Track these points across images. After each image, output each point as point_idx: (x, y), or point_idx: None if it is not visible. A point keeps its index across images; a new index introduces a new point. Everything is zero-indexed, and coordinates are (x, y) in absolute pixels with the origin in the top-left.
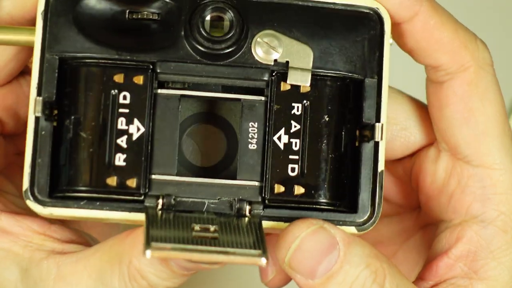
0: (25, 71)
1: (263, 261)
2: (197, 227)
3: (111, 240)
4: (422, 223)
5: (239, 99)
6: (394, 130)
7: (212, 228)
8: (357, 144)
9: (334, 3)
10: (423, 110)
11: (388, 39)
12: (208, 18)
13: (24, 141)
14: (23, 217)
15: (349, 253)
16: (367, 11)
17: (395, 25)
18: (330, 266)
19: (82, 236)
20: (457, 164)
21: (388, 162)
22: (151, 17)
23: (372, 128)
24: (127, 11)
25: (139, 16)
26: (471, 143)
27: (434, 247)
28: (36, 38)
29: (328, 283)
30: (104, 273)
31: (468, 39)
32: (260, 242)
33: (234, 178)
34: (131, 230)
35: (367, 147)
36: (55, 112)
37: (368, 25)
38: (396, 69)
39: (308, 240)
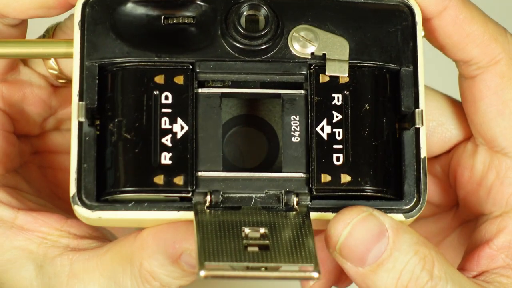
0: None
1: (315, 275)
2: (246, 230)
3: (121, 241)
4: (459, 221)
5: (279, 94)
6: (430, 127)
7: (262, 230)
8: (397, 134)
9: None
10: (457, 106)
11: (420, 29)
12: (244, 15)
13: (41, 141)
14: (39, 214)
15: (398, 240)
16: (397, 3)
17: (425, 21)
18: (379, 253)
19: (98, 230)
20: (494, 157)
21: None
22: (186, 21)
23: (412, 115)
24: (163, 16)
25: (175, 21)
26: (507, 134)
27: (474, 238)
28: (75, 47)
29: (378, 270)
30: (116, 273)
31: (498, 32)
32: (311, 253)
33: (280, 171)
34: (138, 231)
35: (408, 134)
36: (97, 122)
37: (400, 16)
38: (428, 64)
39: (358, 227)
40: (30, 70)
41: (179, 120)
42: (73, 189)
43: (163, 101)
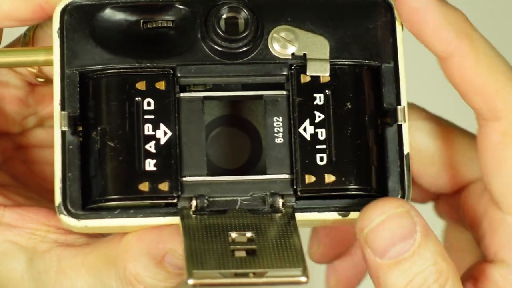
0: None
1: (303, 279)
2: (233, 234)
3: (107, 242)
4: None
5: (261, 96)
6: (456, 162)
7: (248, 234)
8: (380, 130)
9: None
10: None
11: (399, 25)
12: (223, 18)
13: (24, 138)
14: (26, 210)
15: (423, 246)
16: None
17: (440, 60)
18: (402, 251)
19: None
20: (491, 207)
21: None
22: (165, 24)
23: (394, 112)
24: (142, 21)
25: (154, 25)
26: (502, 191)
27: (466, 273)
28: (55, 55)
29: (394, 268)
30: (101, 273)
31: (503, 83)
32: (299, 256)
33: (264, 173)
34: (122, 234)
35: (391, 131)
36: (80, 128)
37: (379, 12)
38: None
39: (392, 220)
40: (7, 70)
41: (162, 126)
42: (58, 199)
43: (146, 107)
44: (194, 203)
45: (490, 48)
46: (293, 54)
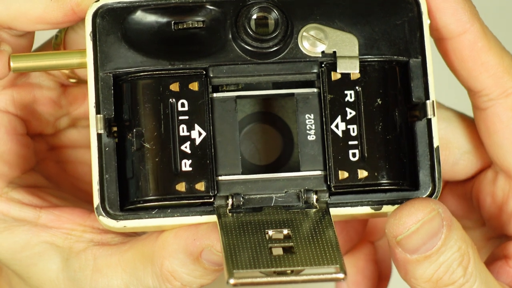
0: None
1: (341, 276)
2: (270, 232)
3: (144, 239)
4: (488, 237)
5: (292, 94)
6: (457, 154)
7: (285, 231)
8: (409, 124)
9: None
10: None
11: (426, 19)
12: (253, 18)
13: (57, 139)
14: (62, 210)
15: (448, 237)
16: None
17: (443, 41)
18: (431, 247)
19: None
20: None
21: (449, 183)
22: (196, 25)
23: (423, 106)
24: (173, 22)
25: (185, 26)
26: None
27: (495, 252)
28: (88, 59)
29: (424, 261)
30: (137, 270)
31: (510, 63)
32: (336, 253)
33: (298, 170)
34: (159, 231)
35: (420, 125)
36: (114, 129)
37: (406, 8)
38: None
39: (425, 226)
40: (40, 72)
41: (196, 126)
42: (96, 200)
43: (180, 108)
44: (230, 201)
45: (496, 38)
46: (323, 52)
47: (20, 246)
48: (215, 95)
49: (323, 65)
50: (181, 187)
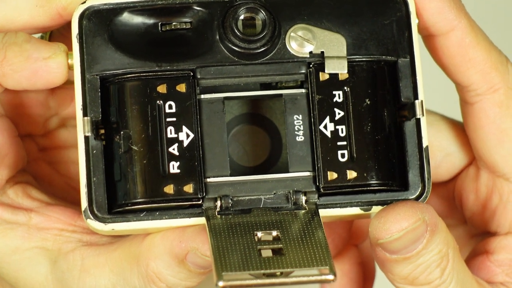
0: None
1: (330, 277)
2: (259, 234)
3: (130, 240)
4: (470, 236)
5: (280, 95)
6: (439, 157)
7: (274, 233)
8: (398, 124)
9: None
10: (463, 132)
11: (414, 19)
12: (240, 19)
13: (48, 139)
14: (52, 210)
15: (431, 242)
16: None
17: (431, 38)
18: (412, 250)
19: None
20: (497, 181)
21: (433, 185)
22: (183, 26)
23: (412, 106)
24: (159, 23)
25: (172, 27)
26: (508, 161)
27: (476, 248)
28: (75, 60)
29: (402, 262)
30: (124, 271)
31: (500, 61)
32: (325, 254)
33: (286, 171)
34: (147, 234)
35: (409, 125)
36: (102, 131)
37: (394, 7)
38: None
39: (409, 234)
40: None
41: (184, 128)
42: (84, 203)
43: (167, 110)
44: (218, 203)
45: (484, 33)
46: (310, 52)
47: (11, 250)
48: (202, 96)
49: (311, 66)
50: (169, 189)
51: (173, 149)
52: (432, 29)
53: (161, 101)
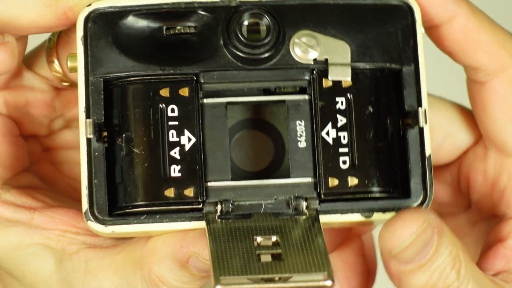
0: (28, 68)
1: (328, 283)
2: (259, 238)
3: (133, 243)
4: (473, 222)
5: (283, 100)
6: (440, 137)
7: (273, 238)
8: (401, 132)
9: None
10: (464, 112)
11: (420, 27)
12: (245, 24)
13: (52, 140)
14: (55, 212)
15: (440, 244)
16: (397, 3)
17: (435, 28)
18: (424, 255)
19: None
20: (506, 160)
21: (434, 169)
22: (187, 31)
23: (415, 114)
24: (164, 27)
25: (176, 31)
26: None
27: (489, 238)
28: (79, 62)
29: (418, 270)
30: (127, 274)
31: (506, 40)
32: (324, 260)
33: (288, 177)
34: (149, 237)
35: (412, 133)
36: (104, 133)
37: (400, 15)
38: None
39: (421, 236)
40: (33, 75)
41: (186, 132)
42: (85, 205)
43: (170, 114)
44: (219, 207)
45: (486, 15)
46: (314, 59)
47: (13, 246)
48: (205, 100)
49: (314, 72)
50: (170, 192)
51: (175, 152)
52: (435, 20)
53: (163, 105)
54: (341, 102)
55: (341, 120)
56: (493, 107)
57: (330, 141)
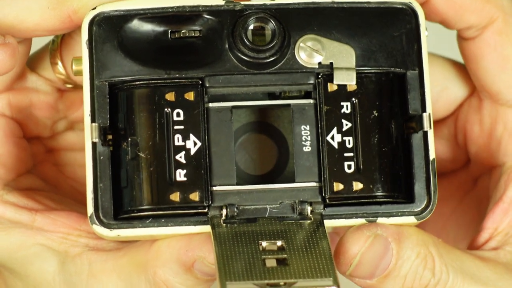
0: (32, 70)
1: None
2: (264, 243)
3: (137, 247)
4: (474, 176)
5: (288, 105)
6: (435, 92)
7: (278, 243)
8: (405, 136)
9: (368, 2)
10: (458, 66)
11: (424, 31)
12: (250, 28)
13: (55, 141)
14: (57, 214)
15: (401, 250)
16: (401, 6)
17: (423, 5)
18: (386, 266)
19: None
20: (500, 109)
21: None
22: (192, 34)
23: (419, 118)
24: (169, 31)
25: (181, 35)
26: (511, 88)
27: (493, 195)
28: (84, 66)
29: (386, 280)
30: (131, 278)
31: None
32: (329, 265)
33: (292, 181)
34: (153, 240)
35: (417, 138)
36: (109, 137)
37: (404, 19)
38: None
39: (367, 253)
40: (37, 77)
41: (191, 136)
42: (90, 209)
43: (175, 118)
44: (224, 212)
45: None
46: (319, 63)
47: (16, 247)
48: (210, 105)
49: (319, 76)
50: (175, 197)
51: (180, 157)
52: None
53: (169, 109)
54: (346, 107)
55: (346, 125)
56: (485, 59)
57: (335, 145)
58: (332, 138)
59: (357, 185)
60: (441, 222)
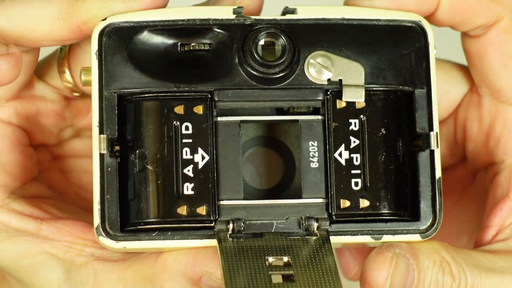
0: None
1: None
2: (270, 259)
3: (143, 259)
4: (473, 171)
5: (296, 120)
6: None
7: (285, 259)
8: (412, 154)
9: (378, 20)
10: (457, 66)
11: (432, 50)
12: (261, 43)
13: (61, 149)
14: (63, 223)
15: (419, 263)
16: (410, 24)
17: (430, 17)
18: (411, 282)
19: None
20: (500, 106)
21: None
22: (202, 48)
23: (426, 137)
24: (179, 43)
25: (191, 48)
26: None
27: (494, 191)
28: (93, 77)
29: None
30: None
31: None
32: (335, 282)
33: (299, 197)
34: (159, 252)
35: (423, 156)
36: (117, 148)
37: (413, 37)
38: None
39: (395, 275)
40: (44, 85)
41: (200, 150)
42: (96, 220)
43: (184, 131)
44: (231, 226)
45: None
46: (329, 79)
47: (21, 255)
48: (219, 119)
49: (328, 93)
50: (182, 210)
51: (188, 170)
52: (425, 14)
53: (177, 122)
54: (354, 124)
55: (354, 142)
56: (488, 56)
57: (343, 162)
58: (340, 155)
59: (364, 203)
60: (443, 217)
